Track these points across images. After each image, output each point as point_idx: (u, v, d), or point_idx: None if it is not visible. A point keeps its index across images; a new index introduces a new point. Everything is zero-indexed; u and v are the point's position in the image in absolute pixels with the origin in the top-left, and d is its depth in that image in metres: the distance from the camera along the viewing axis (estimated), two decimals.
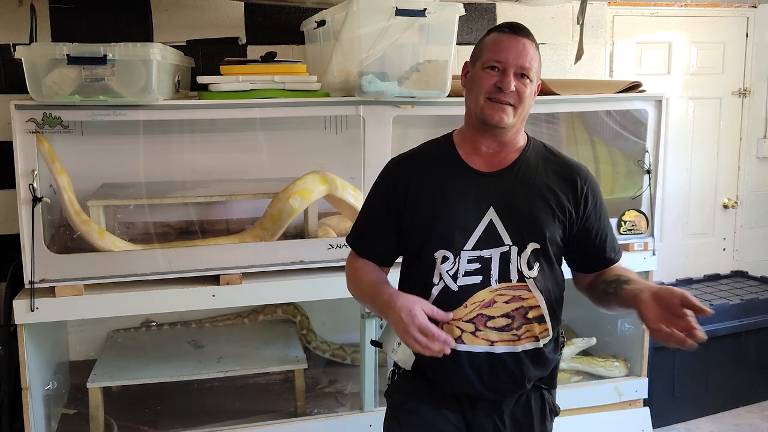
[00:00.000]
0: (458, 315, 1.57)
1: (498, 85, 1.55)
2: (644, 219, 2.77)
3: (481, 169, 1.63)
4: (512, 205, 1.60)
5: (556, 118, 3.03)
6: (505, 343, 1.58)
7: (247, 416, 2.62)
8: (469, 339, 1.57)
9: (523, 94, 1.57)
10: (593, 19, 3.35)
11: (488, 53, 1.58)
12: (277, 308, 2.98)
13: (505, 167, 1.64)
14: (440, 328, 1.52)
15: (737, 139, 3.76)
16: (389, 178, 1.70)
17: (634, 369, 2.93)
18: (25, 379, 2.24)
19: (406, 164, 1.70)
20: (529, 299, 1.59)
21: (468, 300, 1.57)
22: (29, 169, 2.15)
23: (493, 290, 1.57)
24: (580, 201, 1.64)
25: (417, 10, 2.26)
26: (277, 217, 2.46)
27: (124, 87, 2.12)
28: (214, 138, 2.82)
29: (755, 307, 3.29)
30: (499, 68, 1.56)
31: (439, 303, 1.57)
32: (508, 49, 1.56)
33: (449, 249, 1.58)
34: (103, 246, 2.28)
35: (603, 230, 1.69)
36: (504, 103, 1.56)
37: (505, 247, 1.58)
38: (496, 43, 1.59)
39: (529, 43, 1.58)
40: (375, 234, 1.70)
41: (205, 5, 2.86)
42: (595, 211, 1.67)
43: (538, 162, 1.66)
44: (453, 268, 1.58)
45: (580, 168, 1.69)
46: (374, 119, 2.40)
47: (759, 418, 3.26)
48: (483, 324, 1.57)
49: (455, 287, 1.58)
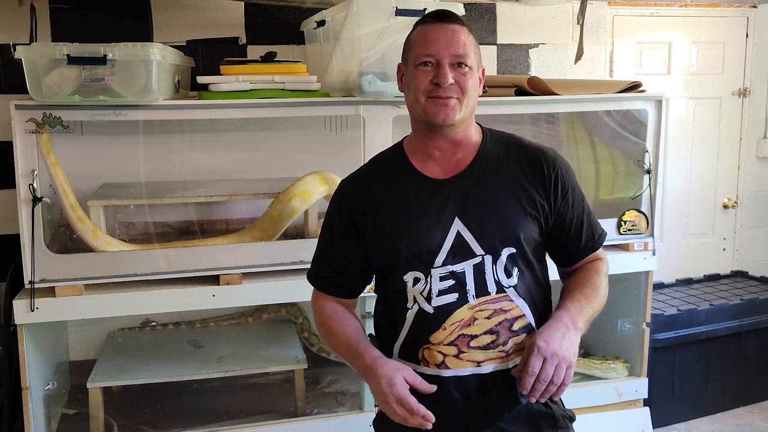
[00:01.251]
0: (438, 339, 1.45)
1: (435, 81, 1.43)
2: (644, 219, 2.77)
3: (438, 176, 1.51)
4: (478, 211, 1.47)
5: (556, 118, 3.02)
6: (492, 361, 1.46)
7: (247, 416, 2.62)
8: (453, 363, 1.45)
9: (465, 84, 1.44)
10: (593, 19, 3.35)
11: (417, 48, 1.46)
12: (282, 308, 2.97)
13: (463, 170, 1.51)
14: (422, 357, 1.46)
15: (737, 139, 3.76)
16: (342, 202, 1.58)
17: (634, 369, 2.92)
18: (25, 379, 2.24)
19: (358, 184, 1.58)
20: (512, 310, 1.47)
21: (446, 321, 1.45)
22: (29, 169, 2.15)
23: (472, 307, 1.45)
24: (550, 190, 1.51)
25: (417, 10, 2.26)
26: (278, 218, 2.46)
27: (124, 87, 2.12)
28: (214, 138, 2.82)
29: (755, 307, 3.29)
30: (431, 62, 1.44)
31: (415, 327, 1.48)
32: (437, 40, 1.44)
33: (418, 270, 1.47)
34: (96, 245, 2.27)
35: (578, 217, 1.56)
36: (445, 98, 1.43)
37: (477, 258, 1.46)
38: (422, 36, 1.46)
39: (458, 29, 1.45)
40: (334, 265, 1.59)
41: (205, 5, 2.86)
42: (567, 197, 1.53)
43: (499, 155, 1.53)
44: (425, 289, 1.46)
45: (546, 153, 1.55)
46: (374, 119, 2.40)
47: (759, 418, 3.26)
48: (466, 345, 1.45)
49: (430, 309, 1.46)
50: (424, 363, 1.48)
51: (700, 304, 3.22)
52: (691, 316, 3.14)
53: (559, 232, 1.55)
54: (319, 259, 1.63)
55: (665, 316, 3.08)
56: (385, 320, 1.58)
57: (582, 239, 1.57)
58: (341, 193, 1.60)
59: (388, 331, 1.55)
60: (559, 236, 1.56)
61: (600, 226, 1.63)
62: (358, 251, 1.56)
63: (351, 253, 1.56)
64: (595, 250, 1.60)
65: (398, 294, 1.50)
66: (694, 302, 3.26)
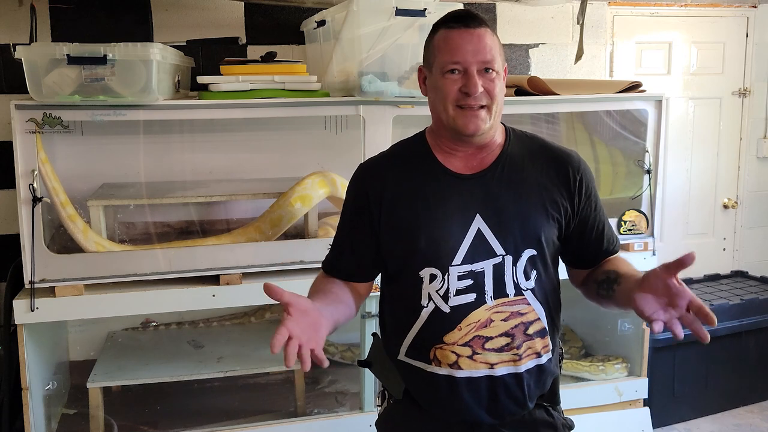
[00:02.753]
0: (452, 339, 1.43)
1: (464, 90, 1.40)
2: (644, 219, 2.77)
3: (461, 171, 1.48)
4: (500, 210, 1.44)
5: (556, 118, 3.02)
6: (505, 364, 1.44)
7: (247, 416, 2.62)
8: (467, 364, 1.43)
9: (493, 90, 1.41)
10: (593, 19, 3.35)
11: (443, 55, 1.42)
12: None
13: (487, 167, 1.48)
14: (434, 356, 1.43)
15: (737, 139, 3.76)
16: (358, 188, 1.53)
17: (634, 369, 2.93)
18: (25, 379, 2.24)
19: (376, 169, 1.54)
20: (528, 313, 1.45)
21: (462, 321, 1.42)
22: (29, 169, 2.15)
23: (489, 308, 1.43)
24: (574, 193, 1.49)
25: (417, 10, 2.26)
26: (277, 221, 2.46)
27: (124, 87, 2.12)
28: (214, 138, 2.82)
29: (755, 307, 3.29)
30: (459, 70, 1.41)
31: (429, 326, 1.45)
32: (463, 46, 1.40)
33: (436, 266, 1.43)
34: (86, 246, 2.26)
35: (600, 221, 1.55)
36: (476, 108, 1.41)
37: (497, 258, 1.43)
38: (447, 42, 1.42)
39: (483, 32, 1.41)
40: (345, 246, 1.54)
41: (205, 5, 2.86)
42: (590, 201, 1.52)
43: (524, 155, 1.50)
44: (443, 287, 1.43)
45: (571, 155, 1.53)
46: (374, 119, 2.40)
47: (759, 418, 3.26)
48: (480, 346, 1.43)
49: (447, 308, 1.43)
50: (435, 362, 1.46)
51: None
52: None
53: (580, 234, 1.53)
54: (333, 250, 1.59)
55: None
56: (393, 318, 1.55)
57: (604, 242, 1.56)
58: (357, 180, 1.55)
59: (396, 328, 1.52)
60: (581, 239, 1.54)
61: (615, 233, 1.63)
62: (369, 239, 1.51)
63: (361, 240, 1.52)
64: (615, 253, 1.59)
65: (412, 290, 1.46)
66: None
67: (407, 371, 1.52)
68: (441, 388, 1.45)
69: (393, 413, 1.59)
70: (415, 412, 1.52)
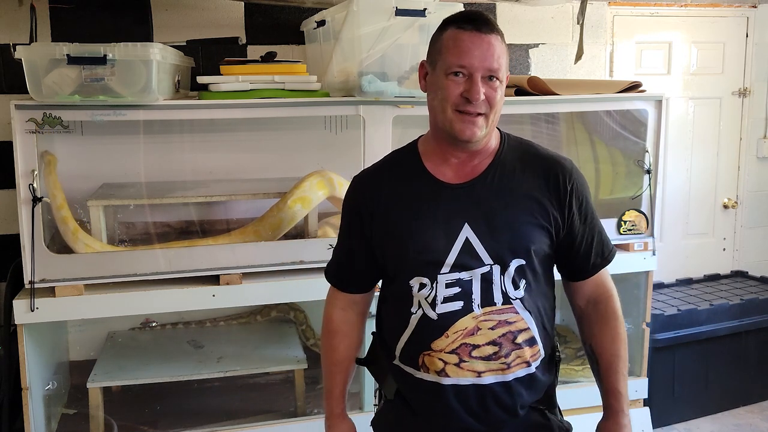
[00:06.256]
0: (440, 346, 1.44)
1: (465, 95, 1.39)
2: (644, 219, 2.77)
3: (450, 180, 1.48)
4: (489, 219, 1.44)
5: (556, 118, 3.02)
6: (493, 372, 1.44)
7: (247, 416, 2.62)
8: (454, 371, 1.44)
9: (494, 99, 1.41)
10: (593, 19, 3.35)
11: (450, 56, 1.40)
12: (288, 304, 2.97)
13: (477, 176, 1.48)
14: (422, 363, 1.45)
15: (737, 139, 3.77)
16: (352, 200, 1.57)
17: (634, 369, 2.92)
18: (25, 379, 2.24)
19: (368, 183, 1.56)
20: (516, 322, 1.44)
21: (449, 329, 1.43)
22: (29, 169, 2.15)
23: (476, 316, 1.43)
24: (564, 203, 1.48)
25: (417, 10, 2.26)
26: (277, 224, 2.46)
27: (124, 87, 2.11)
28: (214, 138, 2.81)
29: (755, 307, 3.29)
30: (464, 74, 1.39)
31: (418, 332, 1.46)
32: (471, 51, 1.38)
33: (424, 274, 1.44)
34: (75, 248, 2.26)
35: (590, 233, 1.53)
36: (474, 115, 1.40)
37: (485, 267, 1.43)
38: (456, 43, 1.40)
39: (494, 39, 1.40)
40: (351, 262, 1.59)
41: (205, 5, 2.86)
42: (581, 211, 1.51)
43: (515, 163, 1.49)
44: (431, 294, 1.44)
45: (563, 164, 1.51)
46: (374, 119, 2.40)
47: (759, 418, 3.26)
48: (467, 354, 1.43)
49: (434, 315, 1.44)
50: (423, 369, 1.47)
51: (700, 304, 3.22)
52: (691, 316, 3.14)
53: (569, 246, 1.52)
54: (334, 257, 1.64)
55: (665, 316, 3.08)
56: (389, 320, 1.57)
57: (591, 255, 1.54)
58: (352, 191, 1.59)
59: (391, 332, 1.54)
60: (569, 251, 1.53)
61: (610, 242, 1.60)
62: (365, 249, 1.55)
63: (359, 251, 1.56)
64: (603, 267, 1.57)
65: (403, 297, 1.48)
66: (694, 302, 3.26)
67: (400, 376, 1.53)
68: (429, 395, 1.47)
69: (387, 414, 1.61)
70: (408, 413, 1.54)
